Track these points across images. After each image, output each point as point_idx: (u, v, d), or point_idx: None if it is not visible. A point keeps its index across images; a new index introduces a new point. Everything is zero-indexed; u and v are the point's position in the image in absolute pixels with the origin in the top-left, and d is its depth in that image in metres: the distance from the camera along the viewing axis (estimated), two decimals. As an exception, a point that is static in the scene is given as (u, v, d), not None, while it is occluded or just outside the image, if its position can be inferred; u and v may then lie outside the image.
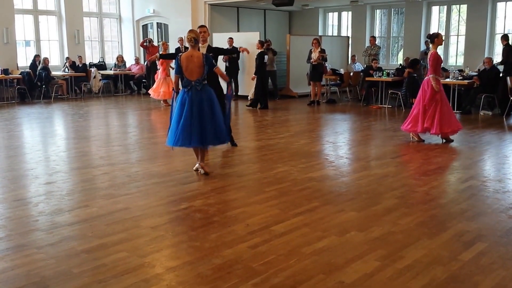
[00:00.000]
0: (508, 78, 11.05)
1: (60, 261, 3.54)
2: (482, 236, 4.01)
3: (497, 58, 13.04)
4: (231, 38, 13.55)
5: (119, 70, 16.23)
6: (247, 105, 12.72)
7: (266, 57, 12.64)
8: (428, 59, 7.89)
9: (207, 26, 15.46)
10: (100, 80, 15.99)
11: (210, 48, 6.77)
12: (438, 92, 7.69)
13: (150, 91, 13.40)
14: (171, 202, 4.97)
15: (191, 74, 5.68)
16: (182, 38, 14.78)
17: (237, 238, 3.94)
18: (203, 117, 5.68)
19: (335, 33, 18.22)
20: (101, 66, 16.69)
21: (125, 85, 16.49)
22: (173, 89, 6.18)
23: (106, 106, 13.55)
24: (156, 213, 4.61)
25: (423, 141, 7.97)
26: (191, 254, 3.65)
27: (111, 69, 16.48)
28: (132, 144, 8.19)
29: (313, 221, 4.35)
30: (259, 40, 12.87)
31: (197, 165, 5.99)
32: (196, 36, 5.79)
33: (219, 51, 7.20)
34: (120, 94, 16.24)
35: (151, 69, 16.11)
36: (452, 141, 7.93)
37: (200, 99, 5.69)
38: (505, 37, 11.75)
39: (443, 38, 8.08)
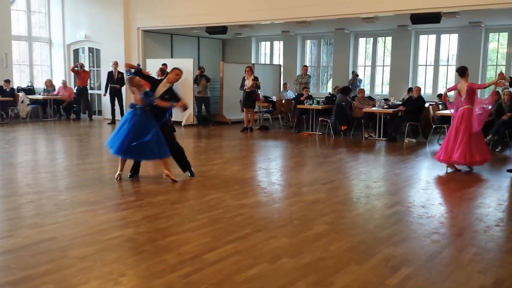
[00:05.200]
0: (430, 107, 11.71)
1: (-21, 296, 3.35)
2: (408, 260, 4.17)
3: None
4: (164, 64, 13.52)
5: (48, 95, 15.75)
6: None
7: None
8: (464, 92, 7.98)
9: (140, 51, 15.49)
10: (28, 105, 15.44)
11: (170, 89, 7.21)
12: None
13: None
14: (101, 231, 4.82)
15: (136, 101, 6.89)
16: (116, 62, 14.62)
17: (168, 268, 3.88)
18: (137, 136, 6.69)
19: (268, 61, 18.61)
20: (29, 90, 16.17)
21: (54, 110, 15.99)
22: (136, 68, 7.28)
23: (34, 131, 13.05)
24: (84, 242, 4.46)
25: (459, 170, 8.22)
26: (120, 285, 3.56)
27: (40, 94, 15.97)
28: (60, 171, 7.91)
29: (245, 248, 4.37)
30: (160, 68, 12.81)
31: (118, 173, 7.10)
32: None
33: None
34: (49, 119, 15.71)
35: (82, 94, 15.80)
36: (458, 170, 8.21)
37: (141, 122, 6.77)
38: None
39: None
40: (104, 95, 14.97)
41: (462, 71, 8.19)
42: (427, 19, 10.94)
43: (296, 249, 4.37)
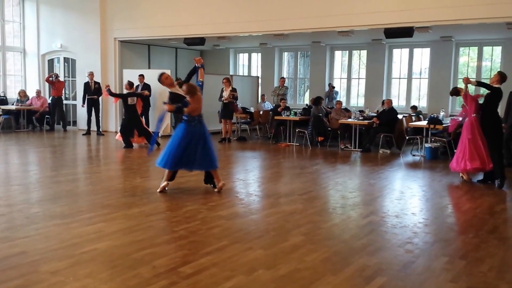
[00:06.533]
0: (404, 119, 11.88)
1: None
2: (382, 270, 4.20)
3: (393, 100, 13.99)
4: (141, 75, 13.46)
5: (21, 105, 15.53)
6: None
7: (130, 99, 12.02)
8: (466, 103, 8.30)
9: (116, 62, 15.39)
10: (0, 115, 15.19)
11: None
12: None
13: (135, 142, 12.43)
14: (73, 244, 4.74)
15: (196, 111, 6.95)
16: (91, 72, 14.49)
17: (143, 282, 3.84)
18: (200, 147, 6.86)
19: (246, 73, 18.68)
20: (2, 100, 15.92)
21: (28, 121, 15.77)
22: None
23: (6, 142, 12.82)
24: (56, 257, 4.38)
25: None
26: (93, 299, 3.51)
27: (13, 104, 15.74)
28: (33, 183, 7.78)
29: (222, 260, 4.35)
30: (128, 81, 12.45)
31: (164, 183, 7.04)
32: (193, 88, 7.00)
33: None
34: (21, 130, 15.47)
35: (56, 104, 15.61)
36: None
37: (200, 132, 6.93)
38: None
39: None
40: (83, 106, 14.81)
41: (458, 92, 8.79)
42: (400, 34, 11.16)
43: (272, 261, 4.37)
